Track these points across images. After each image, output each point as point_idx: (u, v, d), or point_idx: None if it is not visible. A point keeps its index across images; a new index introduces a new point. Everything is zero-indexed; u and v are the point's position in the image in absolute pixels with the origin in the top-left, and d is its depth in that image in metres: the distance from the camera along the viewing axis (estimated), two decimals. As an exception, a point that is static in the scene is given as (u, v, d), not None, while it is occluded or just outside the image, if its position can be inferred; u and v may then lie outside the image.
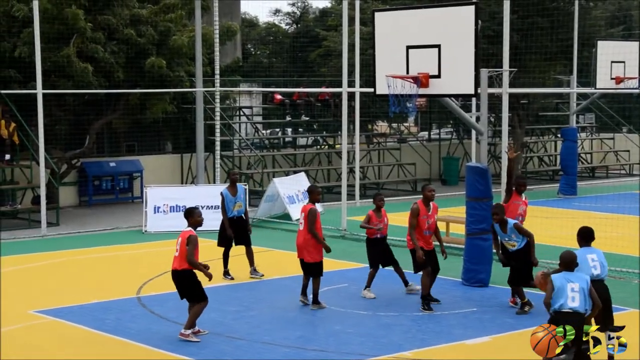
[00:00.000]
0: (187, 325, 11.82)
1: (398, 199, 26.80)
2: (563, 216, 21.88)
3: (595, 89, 26.33)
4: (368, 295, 14.28)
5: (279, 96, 31.86)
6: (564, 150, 28.74)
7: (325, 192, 28.15)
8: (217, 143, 25.23)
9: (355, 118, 25.13)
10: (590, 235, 10.48)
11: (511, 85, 19.18)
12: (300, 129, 34.77)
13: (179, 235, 11.80)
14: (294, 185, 23.38)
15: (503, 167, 18.55)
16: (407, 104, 14.73)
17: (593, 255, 10.34)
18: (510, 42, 17.93)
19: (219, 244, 16.03)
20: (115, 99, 25.36)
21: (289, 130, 35.40)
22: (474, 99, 21.32)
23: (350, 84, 24.11)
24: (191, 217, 11.89)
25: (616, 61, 25.68)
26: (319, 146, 33.15)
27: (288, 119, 32.53)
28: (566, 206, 25.25)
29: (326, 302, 13.70)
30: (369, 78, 19.09)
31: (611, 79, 25.77)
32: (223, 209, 15.94)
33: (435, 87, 14.37)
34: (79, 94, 23.95)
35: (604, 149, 37.50)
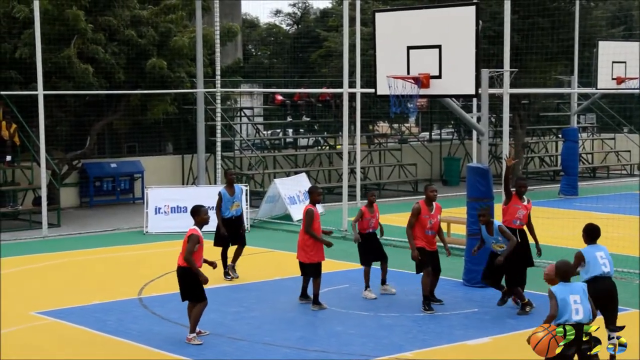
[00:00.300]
0: (191, 329, 11.81)
1: (399, 200, 26.80)
2: (564, 216, 21.88)
3: (596, 89, 26.31)
4: (369, 295, 14.28)
5: (279, 97, 31.85)
6: (564, 151, 28.73)
7: (326, 193, 28.16)
8: (218, 144, 25.23)
9: (356, 119, 25.13)
10: (596, 233, 10.46)
11: (512, 85, 19.19)
12: (301, 130, 34.77)
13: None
14: (295, 186, 23.38)
15: (504, 168, 18.55)
16: (408, 105, 14.71)
17: (601, 253, 10.33)
18: (511, 43, 17.93)
19: (216, 244, 16.03)
20: (116, 100, 25.36)
21: (290, 130, 35.41)
22: (474, 100, 21.28)
23: (351, 84, 24.09)
24: (197, 216, 11.88)
25: (617, 61, 25.66)
26: (320, 147, 33.15)
27: (289, 119, 32.52)
28: (567, 206, 25.24)
29: (327, 303, 13.70)
30: (369, 79, 19.07)
31: (612, 79, 25.74)
32: (218, 208, 15.92)
33: (436, 88, 14.36)
34: (80, 95, 23.96)
35: (605, 150, 37.48)
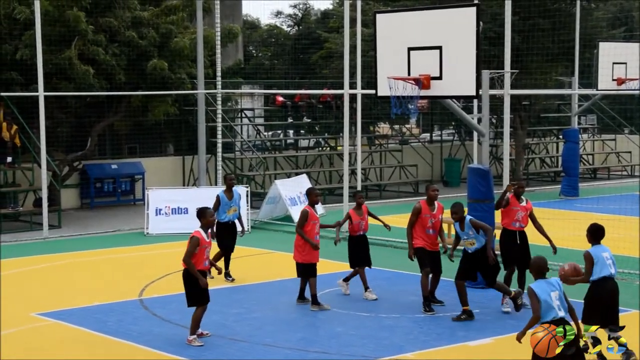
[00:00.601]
0: (191, 331, 11.81)
1: (400, 201, 26.79)
2: (565, 217, 21.88)
3: (597, 90, 26.30)
4: (370, 296, 14.28)
5: (280, 98, 31.87)
6: (565, 152, 28.73)
7: (327, 194, 28.17)
8: (219, 145, 25.24)
9: (357, 120, 25.08)
10: (601, 233, 10.46)
11: (513, 86, 19.19)
12: (302, 131, 34.78)
13: None
14: (295, 187, 23.37)
15: (505, 169, 18.56)
16: (409, 106, 14.73)
17: (606, 253, 10.35)
18: (511, 44, 17.95)
19: (219, 246, 15.98)
20: (117, 101, 25.37)
21: (291, 132, 35.43)
22: (475, 101, 21.30)
23: (352, 85, 24.07)
24: (203, 218, 11.81)
25: (618, 62, 25.69)
26: (320, 148, 33.16)
27: (290, 120, 32.53)
28: (568, 207, 25.23)
29: (327, 304, 13.69)
30: (370, 80, 19.09)
31: (613, 80, 25.76)
32: (214, 210, 15.84)
33: (437, 89, 14.38)
34: (81, 96, 23.97)
35: (606, 150, 37.49)
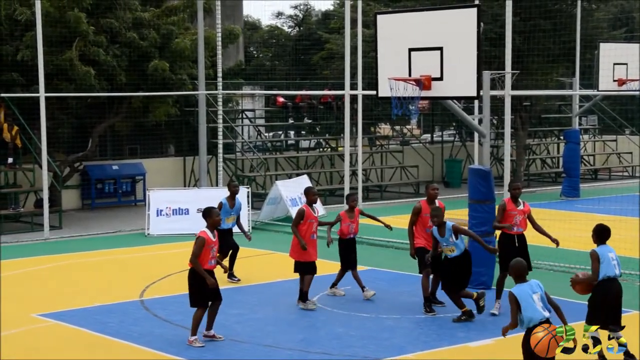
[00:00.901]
0: (191, 332, 11.79)
1: (401, 202, 26.77)
2: (565, 218, 21.86)
3: (598, 91, 26.32)
4: (368, 294, 14.27)
5: (281, 99, 31.87)
6: (566, 153, 28.73)
7: (328, 195, 28.16)
8: (220, 146, 25.24)
9: (358, 120, 25.13)
10: (606, 234, 10.43)
11: (513, 87, 19.20)
12: (302, 132, 34.79)
13: None
14: (296, 188, 23.34)
15: (506, 170, 18.57)
16: (410, 107, 14.72)
17: (612, 254, 10.33)
18: (512, 45, 17.96)
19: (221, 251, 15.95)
20: (118, 102, 25.37)
21: (292, 132, 35.42)
22: (476, 102, 21.29)
23: (353, 86, 24.11)
24: (209, 218, 11.77)
25: (618, 63, 25.70)
26: (321, 149, 33.15)
27: (290, 121, 32.52)
28: (569, 208, 25.22)
29: (328, 305, 13.69)
30: (371, 80, 19.10)
31: (613, 81, 25.77)
32: None
33: (438, 90, 14.39)
34: (82, 97, 23.97)
35: (607, 151, 37.48)
